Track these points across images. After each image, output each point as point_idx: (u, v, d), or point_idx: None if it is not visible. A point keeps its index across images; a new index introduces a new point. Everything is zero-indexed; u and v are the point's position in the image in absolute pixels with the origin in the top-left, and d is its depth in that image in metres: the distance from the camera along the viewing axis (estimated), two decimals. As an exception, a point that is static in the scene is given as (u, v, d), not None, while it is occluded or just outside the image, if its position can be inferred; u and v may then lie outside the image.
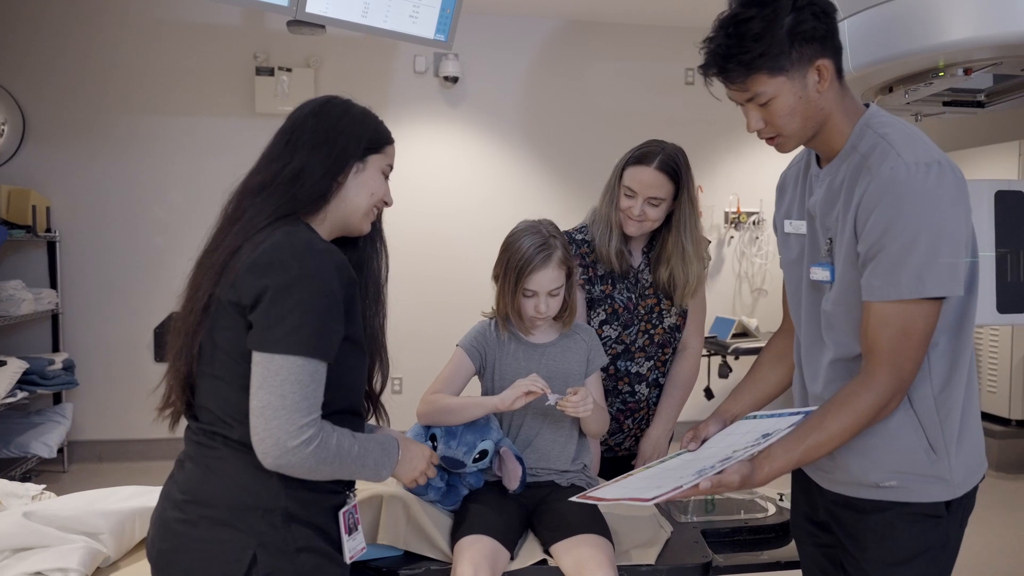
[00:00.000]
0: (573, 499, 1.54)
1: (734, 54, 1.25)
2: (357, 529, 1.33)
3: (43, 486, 1.89)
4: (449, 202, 5.05)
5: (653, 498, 1.33)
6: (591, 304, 2.04)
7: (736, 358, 4.78)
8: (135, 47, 4.66)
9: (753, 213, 5.33)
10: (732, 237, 5.38)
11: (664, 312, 2.07)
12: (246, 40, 4.75)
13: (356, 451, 1.24)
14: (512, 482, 1.69)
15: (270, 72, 4.68)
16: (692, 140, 5.48)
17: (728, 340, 4.78)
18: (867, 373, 1.26)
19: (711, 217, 5.34)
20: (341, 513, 1.29)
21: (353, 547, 1.31)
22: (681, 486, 1.32)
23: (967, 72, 1.87)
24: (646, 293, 2.06)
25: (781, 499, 2.01)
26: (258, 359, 1.16)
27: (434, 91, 5.01)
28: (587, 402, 1.65)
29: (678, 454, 1.59)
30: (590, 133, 5.18)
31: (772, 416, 1.50)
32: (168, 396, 1.31)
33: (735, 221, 5.31)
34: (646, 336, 2.05)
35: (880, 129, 1.29)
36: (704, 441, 1.58)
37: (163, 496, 1.30)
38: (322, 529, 1.26)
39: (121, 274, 4.69)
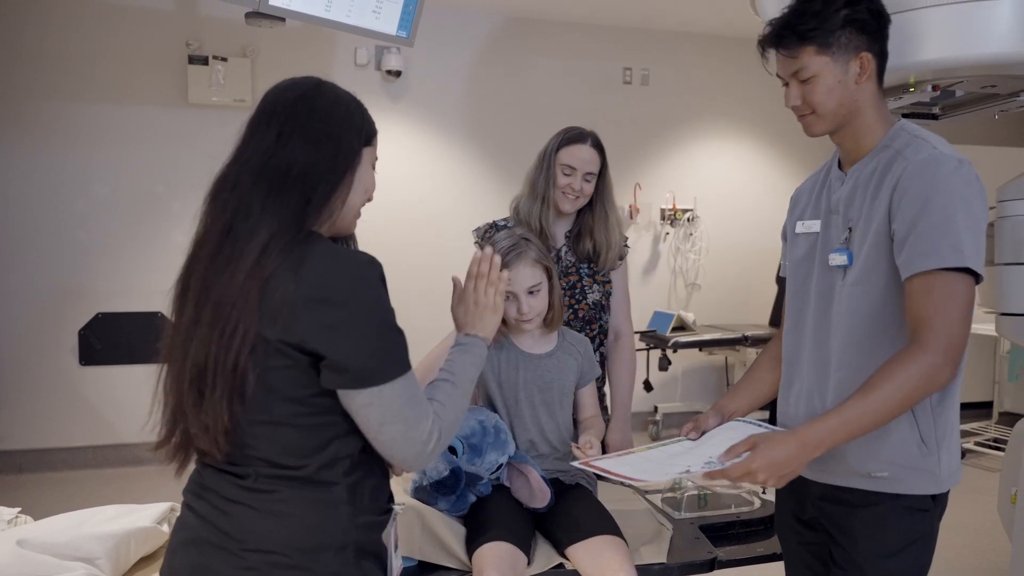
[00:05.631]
0: (575, 463, 1.57)
1: (792, 24, 1.42)
2: (397, 547, 1.31)
3: (18, 509, 1.76)
4: (389, 196, 4.98)
5: (684, 470, 1.36)
6: None
7: (675, 351, 4.93)
8: (59, 29, 4.36)
9: (688, 210, 5.49)
10: (668, 233, 5.53)
11: (586, 288, 2.20)
12: (178, 26, 4.52)
13: (462, 383, 1.28)
14: (541, 501, 1.68)
15: (204, 61, 4.48)
16: (630, 138, 5.65)
17: (668, 334, 4.92)
18: (917, 342, 1.27)
19: (648, 214, 5.47)
20: (391, 531, 1.26)
21: (399, 566, 1.29)
22: (689, 469, 1.35)
23: (935, 89, 2.00)
24: (568, 271, 2.19)
25: (764, 491, 2.10)
26: (365, 397, 1.10)
27: (376, 85, 4.91)
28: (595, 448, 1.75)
29: (678, 440, 1.63)
30: (531, 129, 5.15)
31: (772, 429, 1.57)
32: (171, 436, 1.17)
33: (671, 218, 5.47)
34: (570, 311, 2.18)
35: (913, 131, 1.43)
36: (703, 433, 1.64)
37: (199, 541, 1.15)
38: (379, 556, 1.23)
39: (41, 272, 4.39)
